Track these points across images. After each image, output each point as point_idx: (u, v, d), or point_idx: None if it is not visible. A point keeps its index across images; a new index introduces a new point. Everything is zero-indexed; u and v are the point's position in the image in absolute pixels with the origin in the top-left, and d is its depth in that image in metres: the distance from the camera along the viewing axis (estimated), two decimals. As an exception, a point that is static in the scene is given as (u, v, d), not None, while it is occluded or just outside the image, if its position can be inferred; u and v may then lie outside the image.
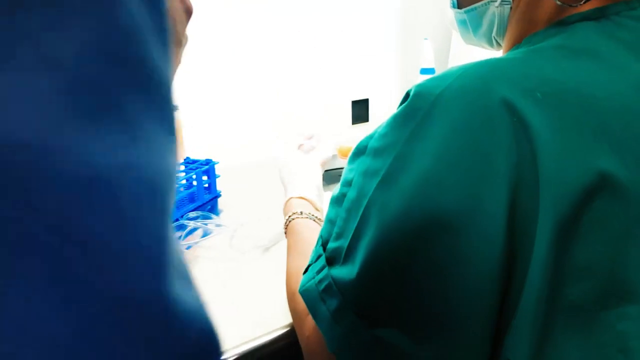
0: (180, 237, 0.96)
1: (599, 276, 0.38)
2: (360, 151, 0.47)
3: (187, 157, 1.16)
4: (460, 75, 0.41)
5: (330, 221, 0.50)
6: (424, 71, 1.24)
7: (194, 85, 1.30)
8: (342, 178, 0.49)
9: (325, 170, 0.91)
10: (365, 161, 0.45)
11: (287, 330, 0.68)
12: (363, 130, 1.69)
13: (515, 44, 0.50)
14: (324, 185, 1.22)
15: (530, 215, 0.37)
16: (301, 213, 0.72)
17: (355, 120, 1.67)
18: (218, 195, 1.15)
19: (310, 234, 0.69)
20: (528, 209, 0.38)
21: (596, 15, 0.44)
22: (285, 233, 0.73)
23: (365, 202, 0.44)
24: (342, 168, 0.92)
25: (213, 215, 1.03)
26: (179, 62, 0.37)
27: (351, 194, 0.46)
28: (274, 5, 1.42)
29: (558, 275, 0.37)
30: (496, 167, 0.38)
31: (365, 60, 1.63)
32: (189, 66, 1.32)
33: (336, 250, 0.47)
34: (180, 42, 0.34)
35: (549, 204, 0.37)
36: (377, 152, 0.44)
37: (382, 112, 1.72)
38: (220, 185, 1.17)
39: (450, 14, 0.57)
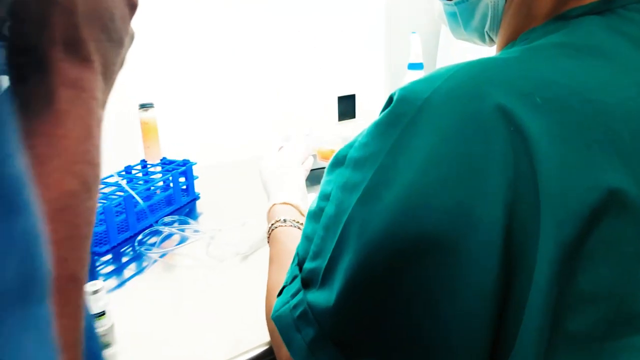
0: (155, 243, 0.90)
1: (605, 304, 0.34)
2: (339, 161, 0.42)
3: (164, 158, 1.10)
4: (450, 77, 0.36)
5: (307, 238, 0.45)
6: (412, 66, 1.19)
7: (168, 82, 1.24)
8: (320, 190, 0.45)
9: (311, 170, 0.86)
10: (344, 173, 0.40)
11: (268, 349, 0.64)
12: (350, 127, 1.64)
13: (511, 40, 0.45)
14: (308, 185, 1.18)
15: (530, 237, 0.33)
16: (284, 221, 0.67)
17: (341, 117, 1.62)
18: (196, 198, 1.10)
19: (294, 243, 0.64)
20: (527, 230, 0.33)
21: (601, 9, 0.39)
22: (268, 242, 0.68)
23: (344, 220, 0.39)
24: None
25: (191, 220, 0.97)
26: (122, 62, 0.31)
27: (329, 209, 0.41)
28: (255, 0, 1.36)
29: (561, 303, 0.33)
30: (490, 183, 0.33)
31: (351, 54, 1.58)
32: (164, 63, 1.26)
33: (313, 272, 0.42)
34: (121, 40, 0.29)
35: (551, 225, 0.32)
36: (357, 164, 0.39)
37: (369, 108, 1.67)
38: (198, 186, 1.12)
39: (439, 6, 0.52)
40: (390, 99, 0.39)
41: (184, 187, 1.08)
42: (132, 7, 0.31)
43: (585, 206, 0.32)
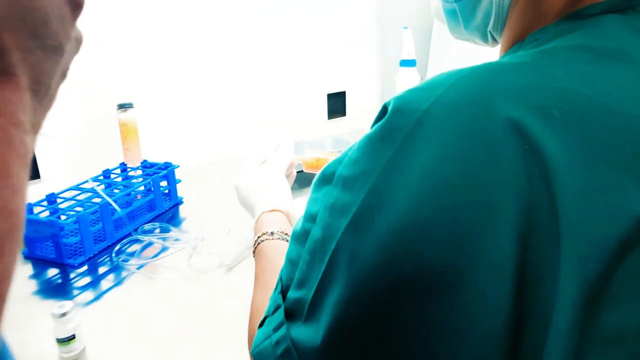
0: (134, 253, 0.85)
1: (633, 344, 0.30)
2: (326, 178, 0.37)
3: (144, 161, 1.05)
4: (452, 85, 0.32)
5: (291, 262, 0.40)
6: (404, 63, 1.14)
7: (148, 81, 1.18)
8: (305, 209, 0.40)
9: (298, 172, 0.82)
10: (332, 193, 0.36)
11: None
12: (340, 126, 1.59)
13: (517, 40, 0.40)
14: (297, 188, 1.13)
15: (547, 274, 0.28)
16: (271, 234, 0.62)
17: (331, 115, 1.57)
18: (179, 202, 1.05)
19: (281, 260, 0.59)
20: (544, 266, 0.29)
21: (622, 6, 0.35)
22: (254, 256, 0.64)
23: (332, 247, 0.34)
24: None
25: (173, 228, 0.92)
26: (64, 73, 0.26)
27: (316, 232, 0.37)
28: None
29: (583, 346, 0.29)
30: (501, 211, 0.29)
31: (341, 50, 1.52)
32: (143, 60, 1.20)
33: (298, 302, 0.38)
34: (59, 47, 0.24)
35: (573, 260, 0.28)
36: (347, 183, 0.34)
37: (360, 105, 1.62)
38: (181, 189, 1.06)
39: (436, 4, 0.47)
40: (384, 109, 0.34)
41: (166, 191, 1.03)
42: (76, 5, 0.26)
43: (612, 237, 0.28)
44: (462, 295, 0.29)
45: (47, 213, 0.85)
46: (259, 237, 0.62)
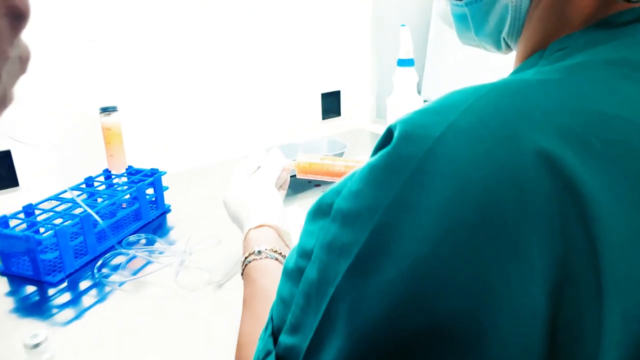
0: (118, 267, 0.80)
1: None
2: (322, 210, 0.33)
3: (130, 167, 1.00)
4: (470, 107, 0.27)
5: (283, 301, 0.36)
6: (401, 62, 1.10)
7: (132, 83, 1.13)
8: (298, 242, 0.35)
9: (291, 176, 0.77)
10: (329, 228, 0.31)
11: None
12: (334, 126, 1.54)
13: (537, 49, 0.36)
14: (290, 194, 1.09)
15: (585, 332, 0.24)
16: (259, 253, 0.58)
17: (325, 115, 1.52)
18: (167, 211, 1.00)
19: (270, 282, 0.55)
20: (581, 323, 0.24)
21: None
22: (243, 277, 0.59)
23: (330, 292, 0.30)
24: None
25: (159, 240, 0.87)
26: (4, 94, 0.21)
27: (311, 272, 0.32)
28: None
29: None
30: (531, 258, 0.25)
31: (335, 48, 1.47)
32: (126, 61, 1.14)
33: (291, 350, 0.33)
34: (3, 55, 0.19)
35: (617, 319, 0.24)
36: (347, 218, 0.30)
37: (355, 105, 1.58)
38: (169, 196, 1.01)
39: (442, 5, 0.43)
40: (389, 133, 0.30)
41: (153, 199, 0.97)
42: (17, 17, 0.21)
43: None
44: (483, 353, 0.25)
45: (24, 226, 0.80)
46: (246, 257, 0.58)
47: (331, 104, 1.52)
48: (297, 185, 1.11)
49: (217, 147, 1.29)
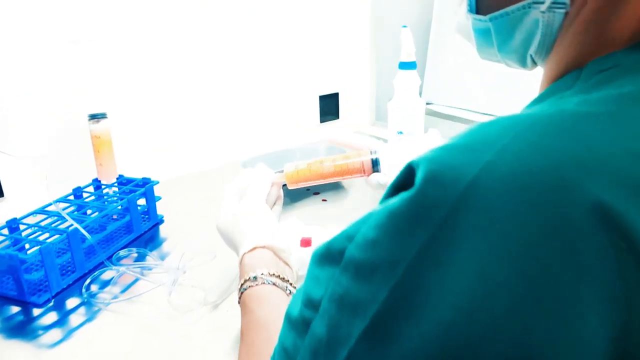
0: (107, 285, 0.76)
1: None
2: (331, 256, 0.29)
3: (120, 176, 0.95)
4: (509, 145, 0.23)
5: (286, 352, 0.32)
6: (403, 65, 1.05)
7: (123, 88, 1.08)
8: (303, 287, 0.31)
9: (283, 185, 0.73)
10: (340, 280, 0.27)
11: None
12: (332, 129, 1.50)
13: (571, 68, 0.32)
14: (287, 203, 1.05)
15: None
16: (254, 279, 0.54)
17: (323, 118, 1.48)
18: (159, 222, 0.95)
19: (268, 311, 0.51)
20: None
21: None
22: (239, 303, 0.55)
23: (342, 356, 0.26)
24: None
25: (151, 255, 0.83)
26: None
27: (319, 328, 0.28)
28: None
29: None
30: (585, 331, 0.21)
31: (333, 49, 1.43)
32: (117, 64, 1.09)
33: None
34: None
35: None
36: (362, 271, 0.26)
37: (354, 107, 1.54)
38: (161, 205, 0.97)
39: (462, 19, 0.39)
40: (410, 170, 0.26)
41: (145, 209, 0.93)
42: None
43: None
44: None
45: (8, 242, 0.75)
46: (241, 285, 0.54)
47: (329, 107, 1.48)
48: (294, 195, 1.07)
49: (211, 152, 1.25)
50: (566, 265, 0.21)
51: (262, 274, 0.55)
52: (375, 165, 0.69)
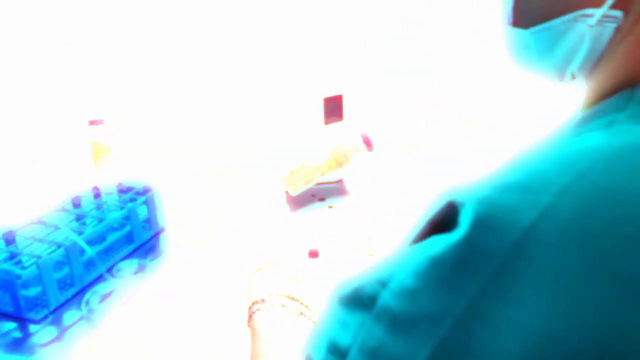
0: (106, 299, 0.73)
1: None
2: (360, 301, 0.26)
3: (120, 184, 0.92)
4: (571, 187, 0.20)
5: None
6: (404, 67, 1.03)
7: (122, 93, 1.05)
8: (326, 327, 0.28)
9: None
10: (373, 330, 0.24)
11: None
12: (335, 130, 1.47)
13: (620, 86, 0.29)
14: (292, 210, 1.02)
15: None
16: (263, 301, 0.51)
17: (327, 120, 1.45)
18: (161, 231, 0.92)
19: (276, 337, 0.48)
20: None
21: None
22: (248, 325, 0.53)
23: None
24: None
25: (151, 266, 0.80)
26: None
27: None
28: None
29: None
30: None
31: (338, 50, 1.40)
32: (116, 70, 1.05)
33: None
34: None
35: None
36: (400, 323, 0.23)
37: (358, 109, 1.50)
38: (163, 214, 0.94)
39: (503, 32, 0.35)
40: (451, 208, 0.23)
41: (146, 217, 0.90)
42: None
43: None
44: None
45: (5, 256, 0.72)
46: (250, 307, 0.52)
47: (333, 109, 1.44)
48: (300, 202, 1.05)
49: (213, 156, 1.22)
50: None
51: (269, 295, 0.52)
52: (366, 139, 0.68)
